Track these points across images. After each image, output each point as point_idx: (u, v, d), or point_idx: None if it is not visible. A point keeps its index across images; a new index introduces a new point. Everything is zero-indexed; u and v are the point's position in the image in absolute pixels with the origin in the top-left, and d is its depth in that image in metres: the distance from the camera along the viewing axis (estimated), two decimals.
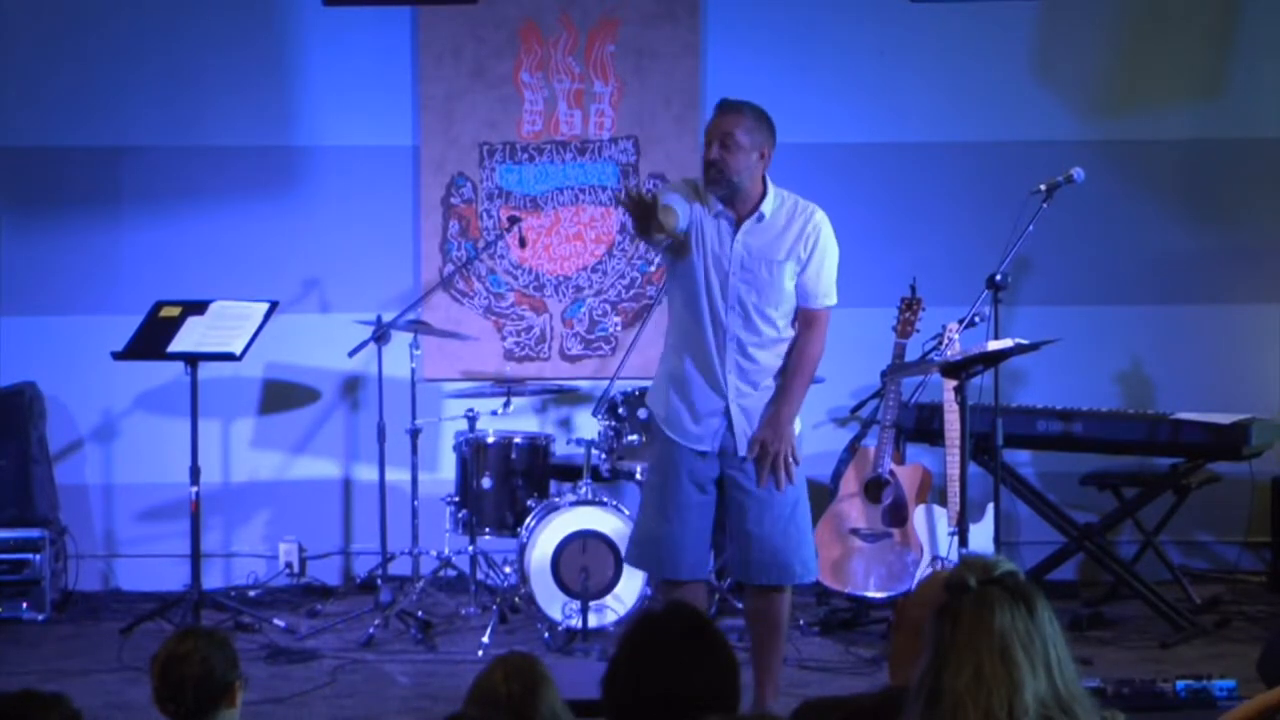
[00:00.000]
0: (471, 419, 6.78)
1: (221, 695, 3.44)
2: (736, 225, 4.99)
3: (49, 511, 7.11)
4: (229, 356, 6.46)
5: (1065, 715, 2.61)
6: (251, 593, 7.22)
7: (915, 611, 3.19)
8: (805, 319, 5.05)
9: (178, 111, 7.38)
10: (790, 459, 5.01)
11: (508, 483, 6.67)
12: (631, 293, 7.48)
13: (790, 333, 5.04)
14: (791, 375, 5.04)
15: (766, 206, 4.99)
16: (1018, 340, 5.61)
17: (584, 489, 6.48)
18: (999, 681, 2.59)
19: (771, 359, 5.03)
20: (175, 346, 6.47)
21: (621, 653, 2.98)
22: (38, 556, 6.86)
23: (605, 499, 6.42)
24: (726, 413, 5.01)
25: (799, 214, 5.03)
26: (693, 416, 5.02)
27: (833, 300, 5.07)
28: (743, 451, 5.01)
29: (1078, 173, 6.19)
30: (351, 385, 7.47)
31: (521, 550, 6.36)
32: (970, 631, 2.63)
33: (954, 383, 5.62)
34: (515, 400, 6.93)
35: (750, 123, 4.95)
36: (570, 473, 6.77)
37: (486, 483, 6.64)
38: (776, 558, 5.03)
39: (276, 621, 6.55)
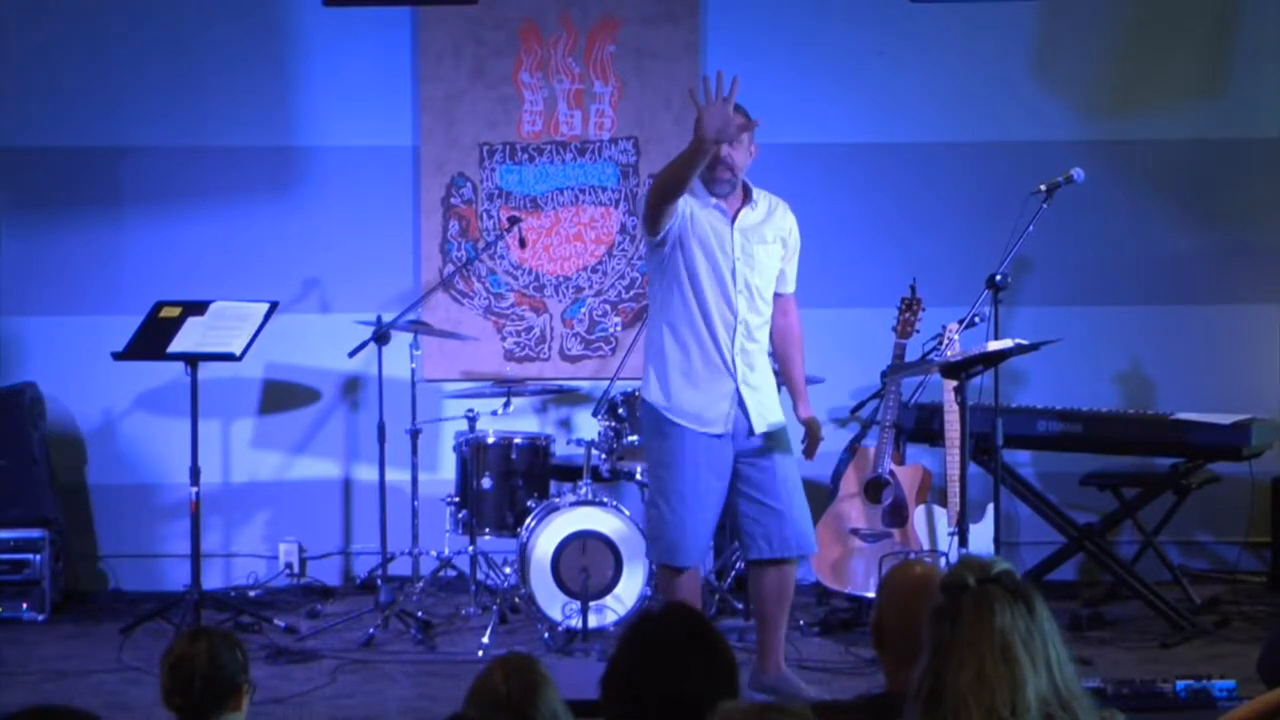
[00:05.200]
0: (471, 419, 6.78)
1: (228, 695, 3.46)
2: (730, 211, 5.30)
3: (49, 511, 7.10)
4: (229, 357, 6.45)
5: (1065, 713, 2.61)
6: (251, 593, 7.21)
7: (891, 622, 3.19)
8: (786, 305, 5.47)
9: (178, 112, 7.38)
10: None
11: (508, 483, 6.67)
12: (631, 293, 7.48)
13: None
14: (797, 359, 5.48)
15: (757, 195, 5.36)
16: (1018, 340, 5.61)
17: (584, 489, 6.48)
18: (1001, 680, 2.59)
19: (764, 339, 5.37)
20: (175, 347, 6.47)
21: (619, 654, 2.97)
22: (38, 556, 6.86)
23: (605, 499, 6.42)
24: (736, 394, 5.25)
25: (775, 202, 5.43)
26: (703, 402, 5.24)
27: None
28: (758, 430, 5.28)
29: (1078, 173, 6.19)
30: (351, 385, 7.47)
31: (521, 550, 6.36)
32: (971, 630, 2.63)
33: (954, 383, 5.63)
34: (515, 400, 6.93)
35: (749, 121, 5.15)
36: (570, 473, 6.77)
37: (486, 483, 6.64)
38: (798, 527, 5.35)
39: (276, 621, 6.55)
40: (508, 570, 6.78)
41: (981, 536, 6.09)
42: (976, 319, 6.22)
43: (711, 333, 5.24)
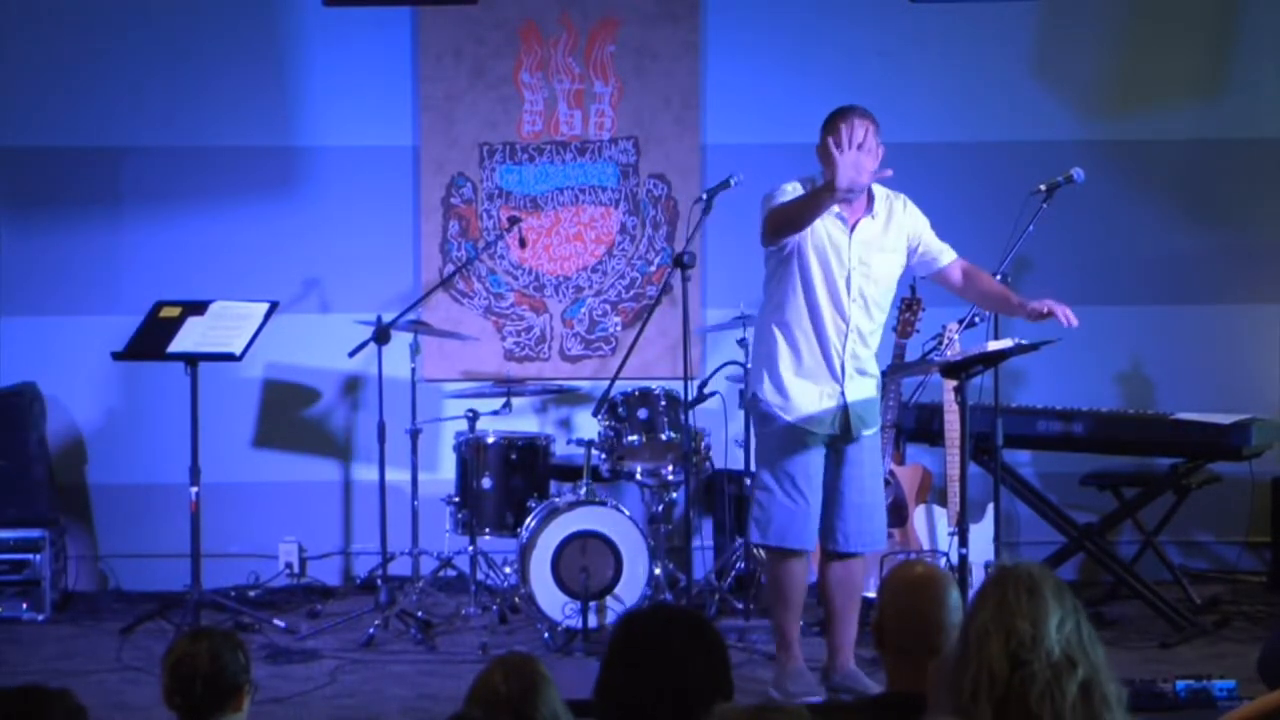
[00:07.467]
0: (471, 419, 6.78)
1: (230, 696, 3.46)
2: (850, 221, 5.37)
3: (49, 511, 7.10)
4: (229, 357, 6.46)
5: (1087, 660, 2.60)
6: (251, 593, 7.21)
7: (892, 622, 3.19)
8: (958, 268, 5.59)
9: (178, 112, 7.38)
10: None
11: (508, 483, 6.67)
12: (632, 293, 7.48)
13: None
14: (994, 284, 5.65)
15: (879, 203, 5.41)
16: (1018, 340, 5.61)
17: (584, 489, 6.48)
18: (1022, 605, 2.59)
19: (876, 344, 5.51)
20: (175, 347, 6.47)
21: (611, 656, 2.97)
22: (38, 556, 6.87)
23: (605, 499, 6.42)
24: (841, 397, 5.41)
25: (894, 203, 5.51)
26: (814, 403, 5.41)
27: None
28: (855, 433, 5.43)
29: (1078, 173, 6.18)
30: (351, 385, 7.47)
31: (521, 550, 6.36)
32: (997, 582, 2.64)
33: (954, 383, 5.62)
34: (515, 400, 6.94)
35: (875, 125, 5.35)
36: (570, 473, 6.77)
37: (486, 483, 6.64)
38: (875, 524, 5.54)
39: (276, 621, 6.55)
40: (508, 570, 6.78)
41: (981, 536, 6.09)
42: (976, 319, 6.22)
43: (822, 338, 5.40)
